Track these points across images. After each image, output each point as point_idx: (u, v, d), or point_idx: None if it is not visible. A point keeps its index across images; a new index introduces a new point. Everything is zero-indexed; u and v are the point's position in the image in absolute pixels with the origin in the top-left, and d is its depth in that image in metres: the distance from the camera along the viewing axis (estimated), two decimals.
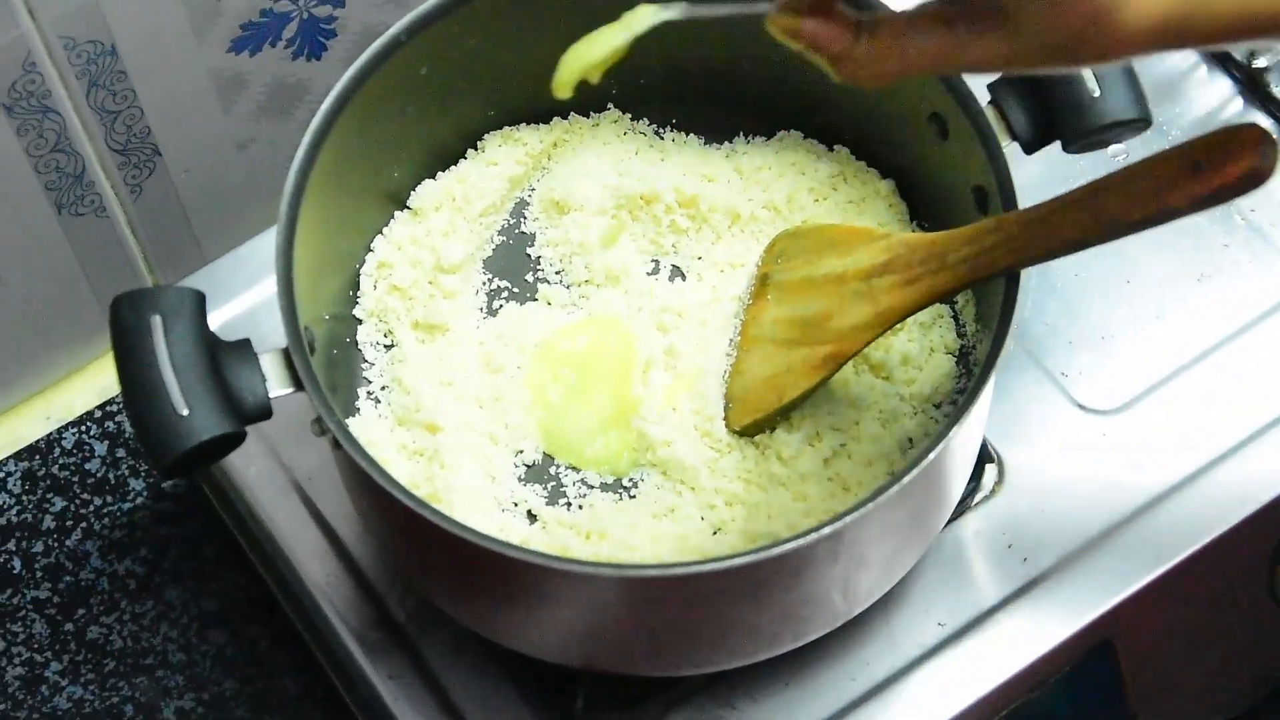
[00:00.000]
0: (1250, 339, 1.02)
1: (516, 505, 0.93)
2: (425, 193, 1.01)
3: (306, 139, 0.89)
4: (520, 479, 0.94)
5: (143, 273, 1.10)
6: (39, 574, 1.06)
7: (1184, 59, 1.11)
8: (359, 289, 0.99)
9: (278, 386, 0.83)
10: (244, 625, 1.05)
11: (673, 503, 0.91)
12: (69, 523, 1.08)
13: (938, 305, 0.94)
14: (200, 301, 0.83)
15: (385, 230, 1.00)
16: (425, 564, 0.91)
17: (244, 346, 0.84)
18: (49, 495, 1.08)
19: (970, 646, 0.94)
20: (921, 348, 0.94)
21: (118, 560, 1.07)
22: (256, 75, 1.05)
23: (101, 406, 1.10)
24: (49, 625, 1.05)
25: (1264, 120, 1.09)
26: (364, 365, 0.97)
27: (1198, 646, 1.01)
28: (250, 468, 1.00)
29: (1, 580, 1.06)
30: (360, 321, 0.98)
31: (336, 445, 0.84)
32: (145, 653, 1.04)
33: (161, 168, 1.05)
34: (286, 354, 0.84)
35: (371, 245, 0.99)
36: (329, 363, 0.94)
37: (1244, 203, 1.06)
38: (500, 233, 1.02)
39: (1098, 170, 1.04)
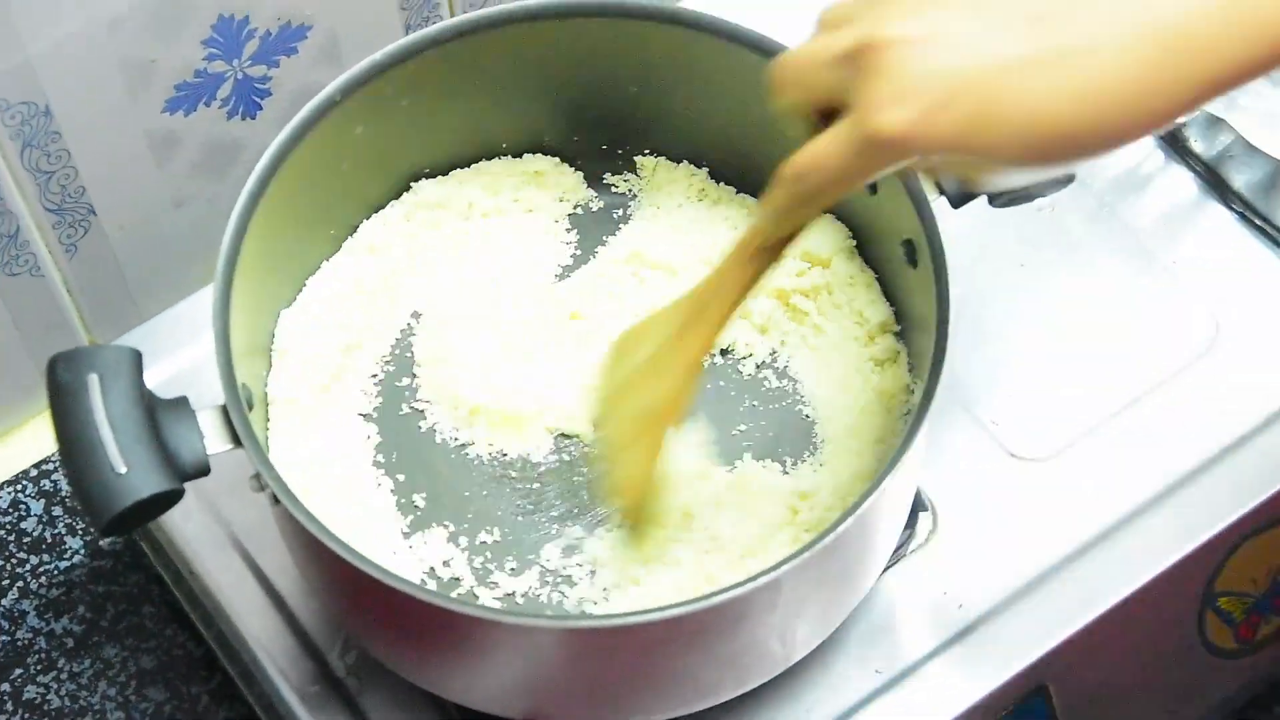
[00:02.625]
0: (1175, 387, 1.03)
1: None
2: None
3: (243, 197, 0.89)
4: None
5: (79, 331, 1.10)
6: None
7: None
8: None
9: (216, 443, 0.83)
10: (183, 683, 1.04)
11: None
12: (5, 582, 1.07)
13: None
14: (137, 359, 0.83)
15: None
16: (364, 617, 0.91)
17: (181, 404, 0.84)
18: None
19: (908, 693, 0.95)
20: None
21: (55, 619, 1.06)
22: (192, 135, 1.05)
23: (37, 465, 1.10)
24: None
25: (1184, 174, 1.11)
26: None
27: (1131, 690, 1.02)
28: (188, 524, 1.00)
29: None
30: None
31: (275, 500, 0.84)
32: (83, 712, 1.04)
33: (97, 227, 1.05)
34: (224, 411, 0.84)
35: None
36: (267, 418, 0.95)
37: (1166, 254, 1.08)
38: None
39: (1025, 224, 1.08)
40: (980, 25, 0.68)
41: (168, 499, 0.81)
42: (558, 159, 1.04)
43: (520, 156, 1.04)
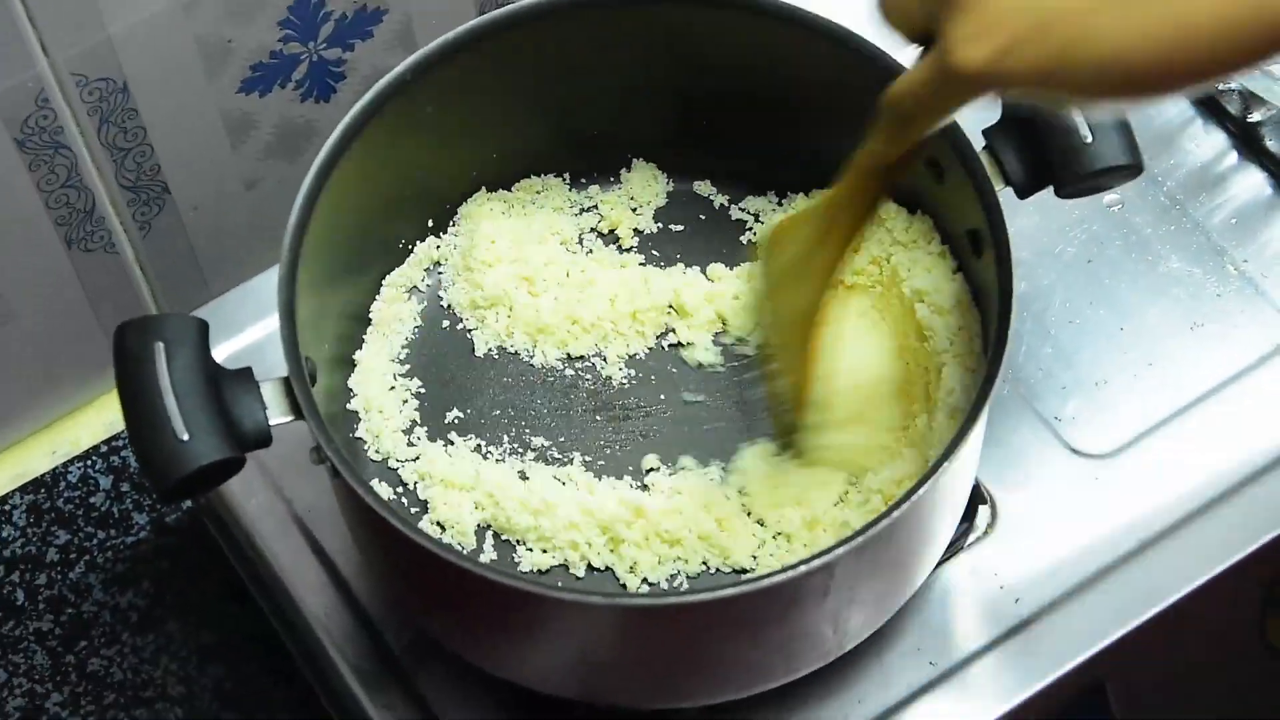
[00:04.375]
0: (1241, 387, 1.02)
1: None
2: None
3: (311, 173, 0.90)
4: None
5: (150, 308, 1.11)
6: (41, 606, 1.07)
7: (1179, 111, 1.12)
8: (365, 327, 1.01)
9: (278, 414, 0.84)
10: (243, 658, 1.05)
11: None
12: (72, 555, 1.08)
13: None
14: (203, 329, 0.84)
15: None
16: (421, 593, 0.91)
17: (245, 374, 0.85)
18: (53, 528, 1.09)
19: (962, 686, 0.94)
20: None
21: (120, 593, 1.08)
22: (266, 116, 1.06)
23: (108, 441, 1.11)
24: (50, 657, 1.06)
25: (1258, 174, 1.10)
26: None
27: (1189, 689, 1.01)
28: (251, 500, 1.01)
29: (4, 611, 1.07)
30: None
31: (335, 473, 0.85)
32: (145, 685, 1.05)
33: (170, 205, 1.07)
34: (287, 383, 0.85)
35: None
36: (330, 395, 0.95)
37: (1237, 253, 1.07)
38: None
39: (1091, 215, 1.07)
40: None
41: (228, 467, 0.82)
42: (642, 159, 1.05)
43: (594, 146, 1.04)
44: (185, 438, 0.81)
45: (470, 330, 1.02)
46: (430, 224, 1.03)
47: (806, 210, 0.90)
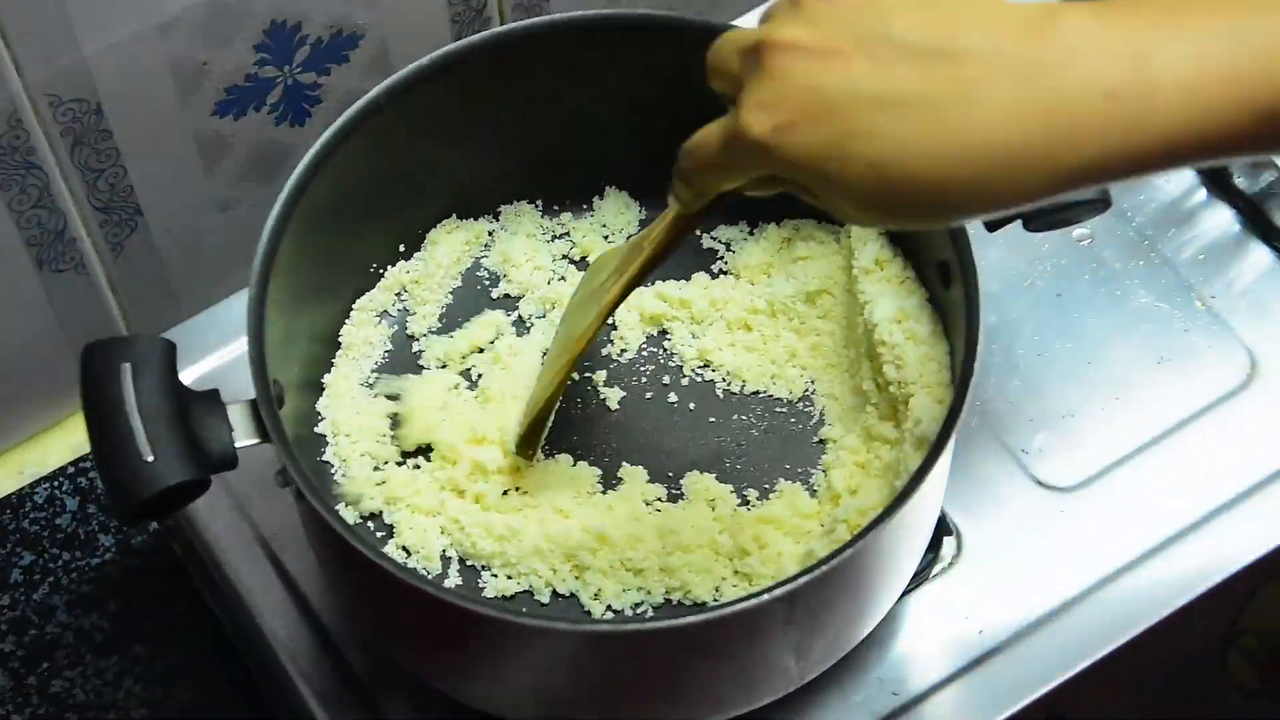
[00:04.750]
0: (1207, 422, 1.03)
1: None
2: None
3: (282, 196, 0.90)
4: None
5: (121, 329, 1.11)
6: (3, 627, 1.07)
7: None
8: (335, 350, 1.01)
9: (244, 437, 0.84)
10: (207, 681, 1.05)
11: None
12: (36, 576, 1.08)
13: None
14: (170, 350, 0.84)
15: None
16: (386, 618, 0.91)
17: (212, 396, 0.85)
18: (18, 549, 1.09)
19: (923, 717, 0.94)
20: None
21: (84, 615, 1.07)
22: (240, 139, 1.06)
23: (75, 462, 1.11)
24: (11, 678, 1.05)
25: (1226, 211, 1.10)
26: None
27: None
28: (216, 523, 1.01)
29: None
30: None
31: (300, 497, 0.85)
32: (108, 707, 1.05)
33: (143, 226, 1.07)
34: (254, 405, 0.85)
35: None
36: (298, 418, 0.95)
37: (1205, 289, 1.07)
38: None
39: (1061, 249, 1.08)
40: (872, 53, 0.66)
41: (193, 489, 0.82)
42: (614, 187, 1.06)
43: (566, 173, 1.05)
44: (150, 458, 0.81)
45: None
46: (402, 248, 1.03)
47: (616, 251, 0.91)
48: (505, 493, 0.96)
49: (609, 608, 0.92)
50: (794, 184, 0.70)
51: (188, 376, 0.99)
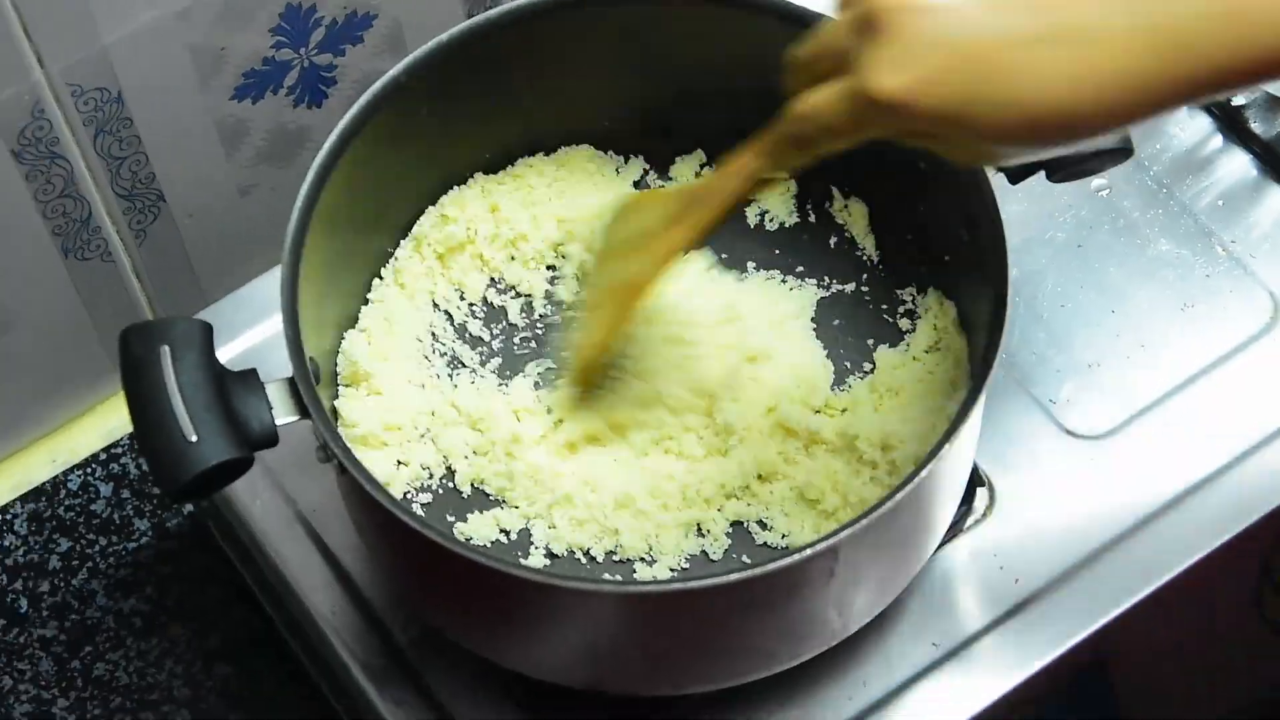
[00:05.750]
0: (1232, 366, 1.04)
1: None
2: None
3: (311, 174, 0.91)
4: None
5: (147, 316, 1.11)
6: (45, 613, 1.08)
7: None
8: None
9: (284, 414, 0.85)
10: (248, 659, 1.06)
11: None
12: (75, 562, 1.09)
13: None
14: (208, 332, 0.85)
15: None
16: (429, 587, 0.92)
17: (250, 376, 0.86)
18: (55, 536, 1.09)
19: (965, 666, 0.95)
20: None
21: (123, 598, 1.08)
22: (259, 122, 1.07)
23: (107, 449, 1.12)
24: (55, 663, 1.06)
25: (1242, 156, 1.11)
26: None
27: (1189, 664, 1.02)
28: (255, 501, 1.01)
29: (8, 619, 1.07)
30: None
31: (342, 470, 0.85)
32: (151, 688, 1.06)
33: (166, 213, 1.07)
34: (292, 383, 0.85)
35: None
36: (331, 394, 0.96)
37: (1225, 234, 1.08)
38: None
39: (1080, 201, 1.09)
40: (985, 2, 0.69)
41: (236, 467, 0.83)
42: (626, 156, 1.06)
43: (582, 145, 1.05)
44: (194, 439, 0.81)
45: None
46: (426, 221, 1.04)
47: (669, 190, 0.90)
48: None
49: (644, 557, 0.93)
50: (918, 134, 0.72)
51: (220, 356, 0.99)
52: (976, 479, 0.99)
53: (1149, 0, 0.68)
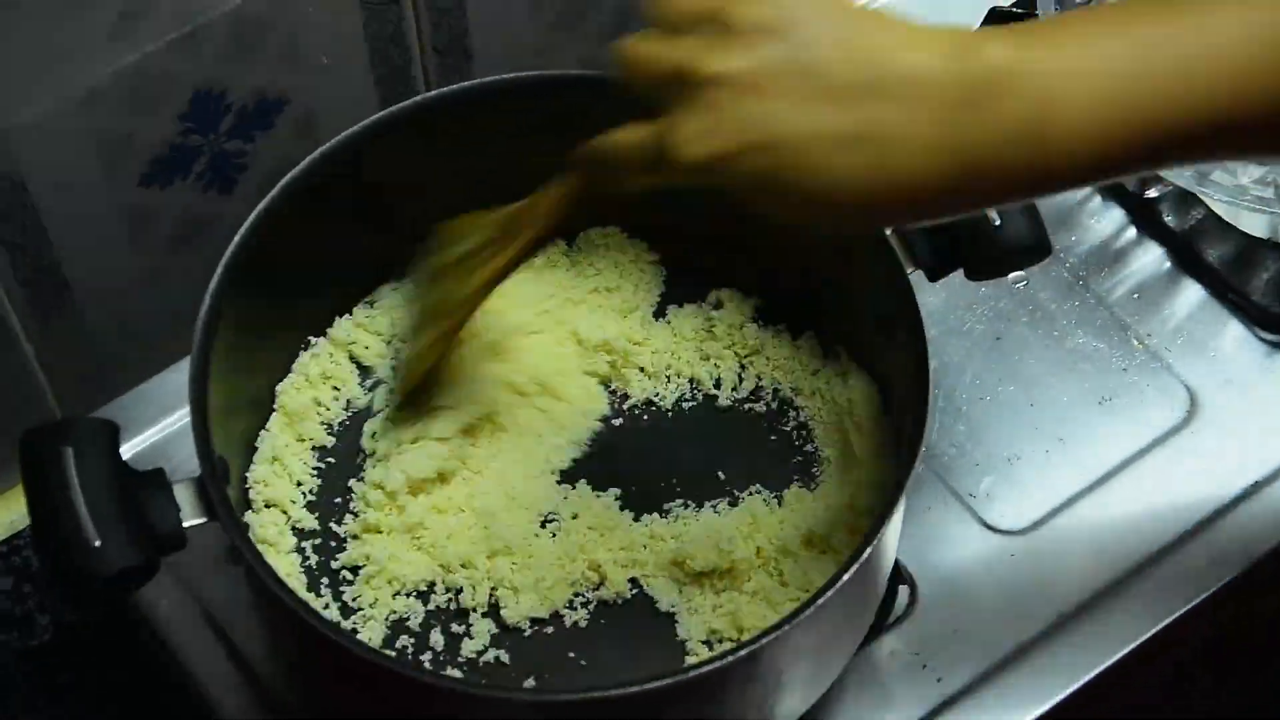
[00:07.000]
0: (1151, 460, 1.04)
1: None
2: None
3: (221, 267, 0.90)
4: None
5: (51, 406, 1.09)
6: None
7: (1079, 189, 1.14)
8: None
9: (192, 516, 0.83)
10: None
11: None
12: None
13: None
14: (112, 432, 0.83)
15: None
16: (340, 694, 0.90)
17: (157, 476, 0.84)
18: None
19: None
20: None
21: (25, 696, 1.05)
22: (167, 209, 1.05)
23: (7, 540, 1.09)
24: None
25: (1156, 250, 1.12)
26: None
27: None
28: (162, 600, 0.99)
29: None
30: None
31: (252, 574, 0.84)
32: None
33: (70, 300, 1.05)
34: (200, 483, 0.84)
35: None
36: (239, 486, 0.94)
37: (1141, 328, 1.09)
38: None
39: (998, 293, 1.09)
40: (802, 89, 0.70)
41: (143, 572, 0.81)
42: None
43: None
44: (97, 544, 0.79)
45: None
46: (341, 314, 1.03)
47: (489, 215, 0.92)
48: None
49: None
50: (719, 194, 0.74)
51: (127, 452, 0.97)
52: (898, 575, 0.98)
53: (958, 110, 0.69)
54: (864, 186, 0.70)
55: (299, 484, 0.98)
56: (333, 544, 0.97)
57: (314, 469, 0.99)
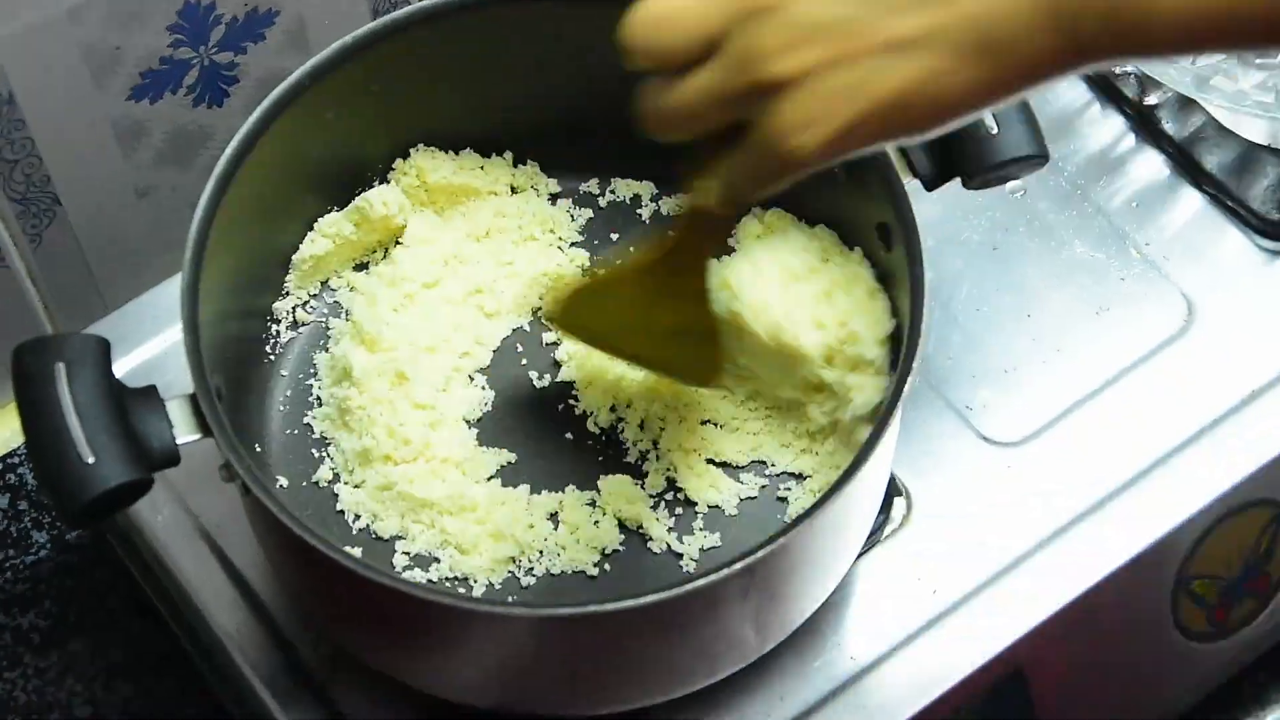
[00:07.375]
0: (1148, 370, 1.03)
1: None
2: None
3: (211, 182, 0.89)
4: None
5: (44, 322, 1.09)
6: None
7: (1076, 96, 1.13)
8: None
9: (185, 433, 0.83)
10: (152, 677, 1.04)
11: None
12: None
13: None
14: (105, 348, 0.82)
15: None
16: (335, 608, 0.90)
17: (150, 393, 0.83)
18: None
19: (883, 679, 0.94)
20: None
21: (21, 614, 1.05)
22: (157, 123, 1.04)
23: (3, 458, 1.09)
24: None
25: (1156, 157, 1.11)
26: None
27: (1106, 675, 1.02)
28: (157, 516, 0.99)
29: None
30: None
31: (246, 491, 0.83)
32: (50, 707, 1.03)
33: (62, 216, 1.04)
34: (194, 400, 0.83)
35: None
36: (235, 407, 0.94)
37: (1139, 236, 1.08)
38: None
39: (995, 202, 1.08)
40: (860, 31, 0.71)
41: (136, 489, 0.80)
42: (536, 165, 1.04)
43: (490, 154, 1.03)
44: (90, 460, 0.79)
45: None
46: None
47: (623, 274, 0.90)
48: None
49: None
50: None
51: (119, 369, 0.97)
52: (894, 488, 0.98)
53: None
54: (987, 76, 0.70)
55: None
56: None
57: None
